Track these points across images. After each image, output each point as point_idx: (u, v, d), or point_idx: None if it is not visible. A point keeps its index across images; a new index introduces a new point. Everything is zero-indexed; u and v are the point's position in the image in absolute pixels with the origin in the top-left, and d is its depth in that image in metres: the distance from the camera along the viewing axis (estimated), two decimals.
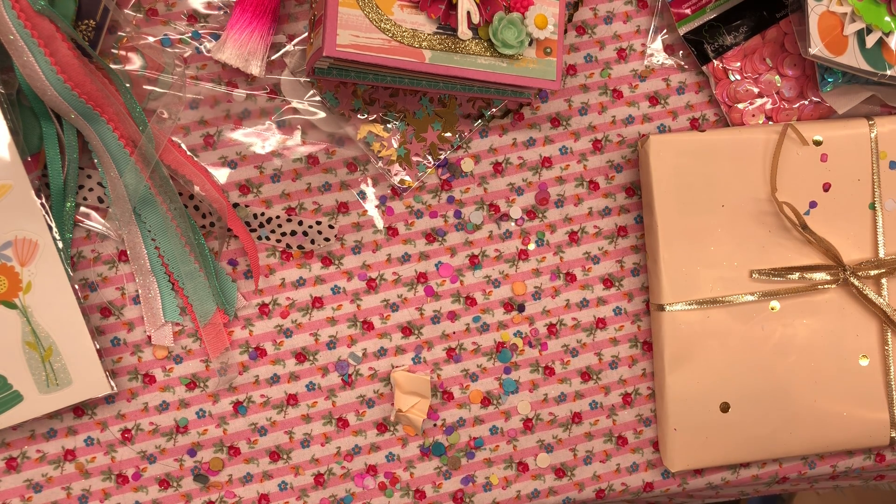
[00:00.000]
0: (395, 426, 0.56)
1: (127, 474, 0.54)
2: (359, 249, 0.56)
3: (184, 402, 0.54)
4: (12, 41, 0.46)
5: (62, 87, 0.47)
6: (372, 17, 0.47)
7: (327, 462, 0.56)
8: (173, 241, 0.52)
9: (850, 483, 0.65)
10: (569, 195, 0.58)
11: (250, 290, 0.55)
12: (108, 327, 0.53)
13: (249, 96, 0.54)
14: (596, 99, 0.58)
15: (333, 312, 0.55)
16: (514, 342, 0.57)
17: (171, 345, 0.54)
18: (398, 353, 0.56)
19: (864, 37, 0.54)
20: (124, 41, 0.52)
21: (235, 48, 0.51)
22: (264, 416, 0.55)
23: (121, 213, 0.51)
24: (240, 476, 0.55)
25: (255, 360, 0.55)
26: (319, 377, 0.55)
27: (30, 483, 0.53)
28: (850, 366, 0.57)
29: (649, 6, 0.58)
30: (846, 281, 0.56)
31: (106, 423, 0.53)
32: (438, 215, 0.56)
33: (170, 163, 0.52)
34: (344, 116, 0.55)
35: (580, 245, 0.58)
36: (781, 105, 0.58)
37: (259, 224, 0.54)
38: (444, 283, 0.57)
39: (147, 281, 0.53)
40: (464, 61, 0.49)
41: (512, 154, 0.57)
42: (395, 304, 0.56)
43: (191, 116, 0.53)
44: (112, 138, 0.50)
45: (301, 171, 0.55)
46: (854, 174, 0.57)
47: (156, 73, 0.52)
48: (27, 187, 0.49)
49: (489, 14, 0.49)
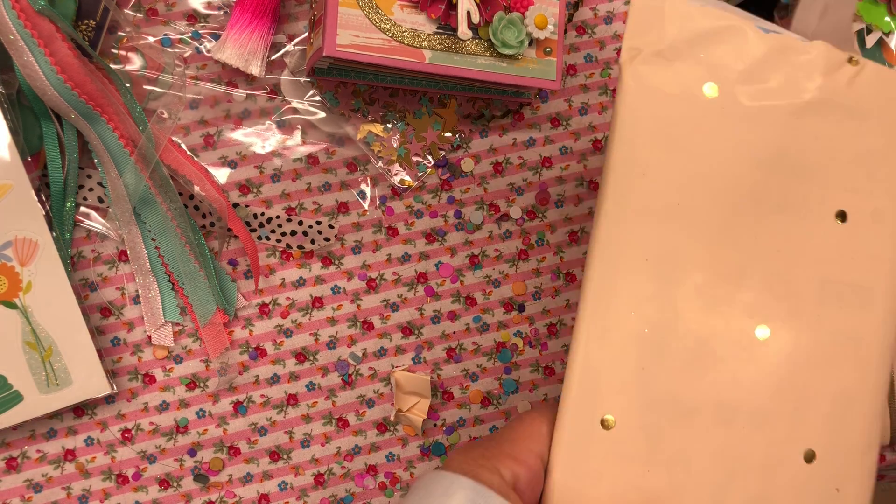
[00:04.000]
0: (395, 426, 0.56)
1: (127, 474, 0.54)
2: (359, 249, 0.56)
3: (184, 402, 0.54)
4: (12, 41, 0.46)
5: (62, 87, 0.47)
6: (372, 17, 0.47)
7: (327, 462, 0.56)
8: (173, 241, 0.52)
9: None
10: (569, 195, 0.58)
11: (250, 290, 0.55)
12: (108, 327, 0.53)
13: (249, 96, 0.54)
14: (596, 99, 0.58)
15: (333, 312, 0.55)
16: (514, 342, 0.57)
17: (171, 345, 0.54)
18: (398, 353, 0.56)
19: (865, 36, 0.54)
20: (124, 41, 0.52)
21: (235, 48, 0.51)
22: (264, 416, 0.55)
23: (121, 213, 0.51)
24: (240, 476, 0.55)
25: (255, 360, 0.55)
26: (319, 377, 0.55)
27: (30, 483, 0.53)
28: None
29: None
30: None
31: (106, 423, 0.53)
32: (438, 215, 0.56)
33: (170, 163, 0.52)
34: (344, 116, 0.55)
35: (580, 245, 0.58)
36: None
37: (259, 224, 0.54)
38: (444, 283, 0.57)
39: (147, 281, 0.53)
40: (464, 61, 0.49)
41: (512, 154, 0.57)
42: (395, 304, 0.56)
43: (191, 116, 0.53)
44: (112, 138, 0.50)
45: (301, 171, 0.55)
46: None
47: (156, 73, 0.52)
48: (27, 187, 0.49)
49: (489, 14, 0.49)
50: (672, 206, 0.40)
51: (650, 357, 0.39)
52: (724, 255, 0.40)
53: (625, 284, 0.39)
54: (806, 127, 0.40)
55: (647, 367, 0.39)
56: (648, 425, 0.40)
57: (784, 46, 0.40)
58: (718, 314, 0.40)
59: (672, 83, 0.39)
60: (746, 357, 0.40)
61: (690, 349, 0.40)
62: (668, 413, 0.40)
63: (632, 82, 0.39)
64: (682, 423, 0.40)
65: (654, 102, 0.39)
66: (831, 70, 0.41)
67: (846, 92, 0.41)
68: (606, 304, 0.39)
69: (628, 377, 0.39)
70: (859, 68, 0.41)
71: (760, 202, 0.40)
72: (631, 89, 0.39)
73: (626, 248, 0.39)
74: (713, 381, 0.40)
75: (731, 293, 0.40)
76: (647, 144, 0.39)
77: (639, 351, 0.39)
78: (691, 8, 0.39)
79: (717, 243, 0.40)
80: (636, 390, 0.39)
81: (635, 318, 0.39)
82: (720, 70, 0.40)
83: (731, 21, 0.40)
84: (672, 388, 0.40)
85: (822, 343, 0.41)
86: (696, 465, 0.40)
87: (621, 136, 0.39)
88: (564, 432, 0.39)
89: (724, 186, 0.40)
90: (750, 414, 0.40)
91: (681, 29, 0.39)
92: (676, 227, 0.40)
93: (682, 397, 0.40)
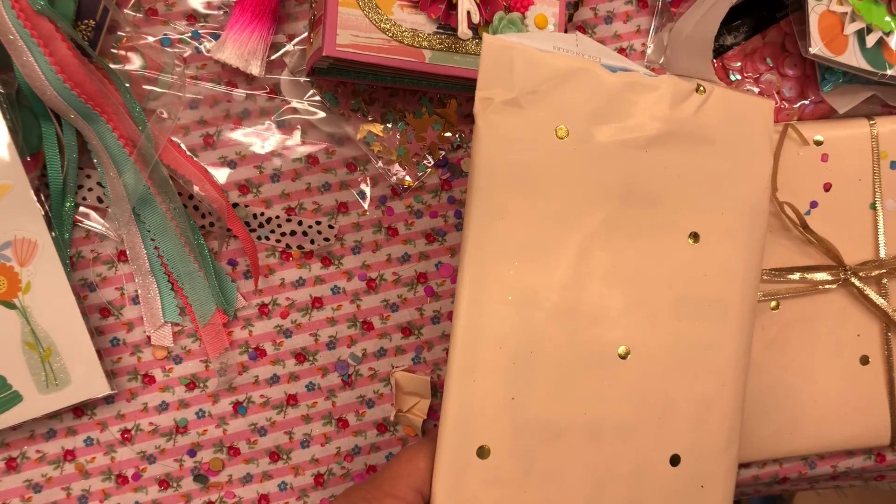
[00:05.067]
0: (395, 426, 0.56)
1: (127, 474, 0.54)
2: (359, 249, 0.56)
3: (183, 402, 0.54)
4: (12, 41, 0.46)
5: (62, 87, 0.47)
6: (372, 17, 0.47)
7: (327, 462, 0.56)
8: (173, 241, 0.52)
9: (851, 483, 0.65)
10: None
11: (250, 290, 0.55)
12: (107, 327, 0.53)
13: (249, 96, 0.54)
14: None
15: (333, 313, 0.55)
16: None
17: (171, 345, 0.54)
18: (398, 353, 0.56)
19: (865, 36, 0.54)
20: (124, 41, 0.52)
21: (235, 48, 0.51)
22: (264, 417, 0.55)
23: (120, 213, 0.51)
24: (240, 476, 0.55)
25: (254, 361, 0.55)
26: (319, 377, 0.55)
27: (29, 483, 0.52)
28: (851, 366, 0.57)
29: (649, 6, 0.58)
30: (847, 281, 0.56)
31: (106, 424, 0.53)
32: (438, 215, 0.56)
33: (169, 163, 0.52)
34: (344, 116, 0.55)
35: None
36: (782, 105, 0.58)
37: (259, 224, 0.54)
38: (444, 284, 0.57)
39: (146, 281, 0.53)
40: (464, 61, 0.49)
41: None
42: (395, 304, 0.56)
43: (190, 116, 0.53)
44: (112, 138, 0.50)
45: (301, 171, 0.55)
46: (855, 174, 0.57)
47: (155, 73, 0.52)
48: (27, 187, 0.49)
49: (489, 14, 0.49)
50: (531, 246, 0.41)
51: (518, 386, 0.41)
52: (584, 285, 0.42)
53: (490, 323, 0.41)
54: (654, 158, 0.43)
55: (517, 396, 0.41)
56: (521, 449, 0.42)
57: (633, 83, 0.42)
58: (581, 339, 0.42)
59: (524, 129, 0.41)
60: (610, 375, 0.43)
61: (556, 374, 0.42)
62: (540, 435, 0.42)
63: (486, 131, 0.40)
64: (553, 444, 0.42)
65: (508, 149, 0.41)
66: (678, 101, 0.43)
67: (693, 120, 0.43)
68: (474, 344, 0.41)
69: (500, 407, 0.41)
70: (706, 96, 0.44)
71: (615, 231, 0.42)
72: (486, 137, 0.40)
73: (490, 289, 0.41)
74: (580, 400, 0.42)
75: (592, 318, 0.42)
76: (504, 189, 0.41)
77: (507, 382, 0.41)
78: (540, 55, 0.41)
79: (577, 274, 0.42)
80: (508, 418, 0.41)
81: (502, 354, 0.41)
82: (570, 112, 0.41)
83: (578, 64, 0.41)
84: (542, 412, 0.42)
85: (680, 354, 0.44)
86: (569, 481, 0.42)
87: (479, 183, 0.40)
88: (443, 464, 0.41)
89: (579, 222, 0.42)
90: (617, 427, 0.43)
91: (529, 78, 0.40)
92: (537, 266, 0.41)
93: (552, 419, 0.42)
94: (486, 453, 0.41)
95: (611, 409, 0.43)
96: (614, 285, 0.43)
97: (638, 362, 0.43)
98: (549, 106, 0.41)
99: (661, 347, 0.44)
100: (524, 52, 0.41)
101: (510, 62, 0.40)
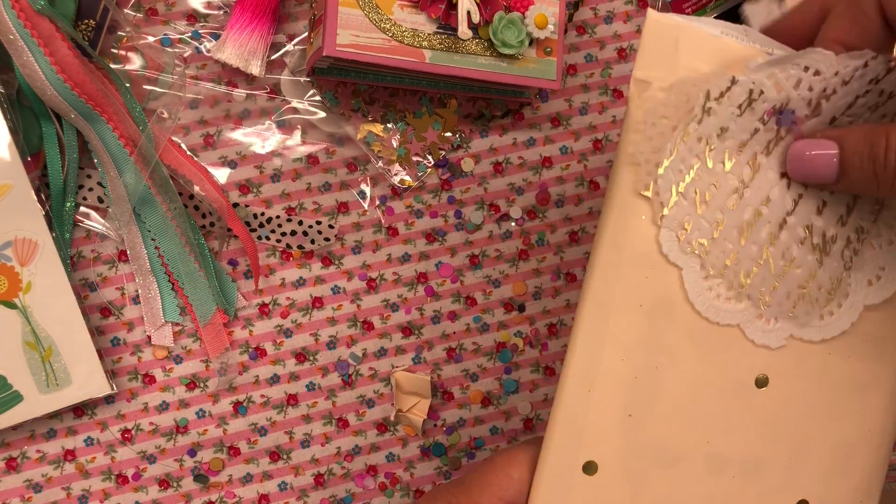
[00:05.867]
0: (395, 426, 0.56)
1: (127, 474, 0.54)
2: (359, 249, 0.56)
3: (184, 402, 0.54)
4: (12, 41, 0.46)
5: (62, 87, 0.47)
6: (372, 17, 0.47)
7: (327, 462, 0.56)
8: (173, 241, 0.52)
9: None
10: (569, 195, 0.58)
11: (250, 290, 0.55)
12: (107, 327, 0.53)
13: (249, 96, 0.54)
14: (596, 99, 0.58)
15: (333, 312, 0.55)
16: (514, 342, 0.57)
17: (171, 345, 0.54)
18: (398, 353, 0.56)
19: None
20: (124, 41, 0.52)
21: (235, 48, 0.51)
22: (264, 417, 0.55)
23: (120, 213, 0.51)
24: (240, 476, 0.55)
25: (255, 360, 0.55)
26: (319, 377, 0.55)
27: (30, 483, 0.52)
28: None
29: (650, 6, 0.58)
30: None
31: (106, 424, 0.53)
32: (438, 215, 0.56)
33: (170, 163, 0.52)
34: (344, 116, 0.55)
35: (580, 245, 0.58)
36: None
37: (259, 224, 0.54)
38: (444, 283, 0.57)
39: (147, 281, 0.53)
40: (464, 61, 0.49)
41: (512, 154, 0.57)
42: (395, 304, 0.56)
43: (191, 116, 0.53)
44: (112, 138, 0.50)
45: (301, 170, 0.55)
46: None
47: (156, 73, 0.52)
48: (27, 187, 0.49)
49: (489, 14, 0.49)
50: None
51: (638, 403, 0.38)
52: None
53: (616, 331, 0.37)
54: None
55: (634, 414, 0.38)
56: (633, 471, 0.38)
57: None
58: (715, 360, 0.38)
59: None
60: (743, 404, 0.38)
61: (682, 395, 0.38)
62: (655, 459, 0.38)
63: (638, 115, 0.36)
64: (668, 470, 0.38)
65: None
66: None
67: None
68: (596, 351, 0.37)
69: (615, 422, 0.38)
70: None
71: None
72: (638, 124, 0.36)
73: (620, 294, 0.37)
74: (705, 427, 0.38)
75: (731, 338, 0.38)
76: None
77: (627, 397, 0.37)
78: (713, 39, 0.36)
79: None
80: (622, 436, 0.38)
81: (625, 365, 0.37)
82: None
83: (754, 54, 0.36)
84: (660, 435, 0.38)
85: (825, 392, 0.39)
86: None
87: (624, 177, 0.36)
88: (545, 476, 0.38)
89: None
90: (742, 462, 0.38)
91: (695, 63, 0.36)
92: (674, 271, 0.37)
93: (670, 445, 0.38)
94: (594, 469, 0.37)
95: (738, 441, 0.38)
96: None
97: (777, 394, 0.38)
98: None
99: (804, 380, 0.38)
100: (693, 33, 0.36)
101: (675, 42, 0.36)
